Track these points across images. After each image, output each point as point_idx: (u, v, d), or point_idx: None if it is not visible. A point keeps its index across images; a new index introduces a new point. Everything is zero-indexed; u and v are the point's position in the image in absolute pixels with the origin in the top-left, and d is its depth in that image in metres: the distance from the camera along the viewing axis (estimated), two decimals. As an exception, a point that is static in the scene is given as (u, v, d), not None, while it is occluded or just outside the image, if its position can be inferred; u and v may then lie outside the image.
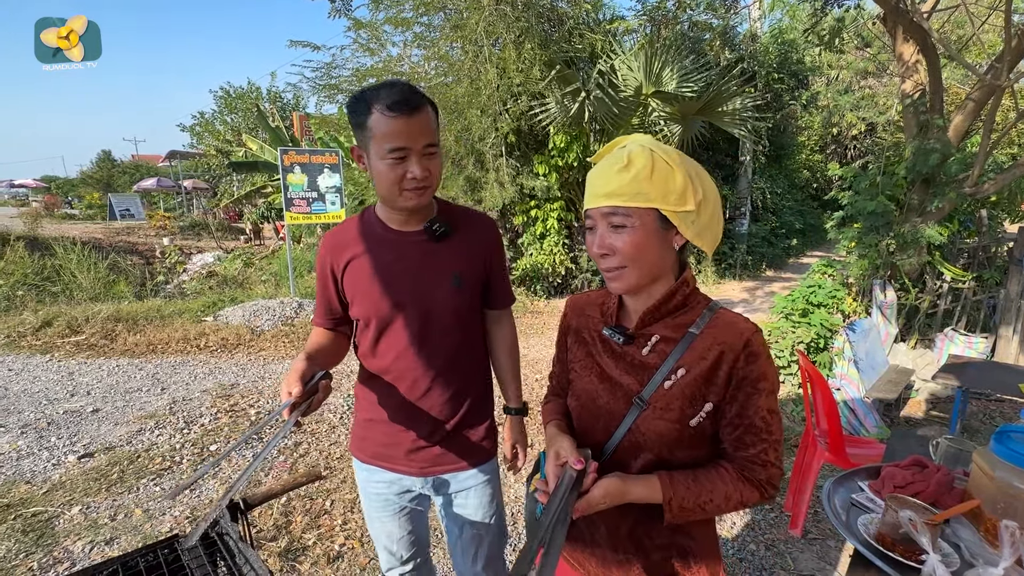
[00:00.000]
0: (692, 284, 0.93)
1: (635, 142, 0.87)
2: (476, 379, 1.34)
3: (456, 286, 1.23)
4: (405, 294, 1.21)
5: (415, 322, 1.22)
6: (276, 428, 0.97)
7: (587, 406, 0.97)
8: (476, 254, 1.27)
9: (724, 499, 0.84)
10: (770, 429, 0.86)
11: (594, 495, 0.81)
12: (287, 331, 5.62)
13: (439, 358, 1.25)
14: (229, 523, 0.95)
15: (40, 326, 5.31)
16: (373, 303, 1.21)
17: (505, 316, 1.42)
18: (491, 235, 1.31)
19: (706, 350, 0.87)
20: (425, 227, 1.21)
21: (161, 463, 2.92)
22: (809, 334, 4.23)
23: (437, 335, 1.24)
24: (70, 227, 15.18)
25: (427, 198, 1.17)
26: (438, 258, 1.23)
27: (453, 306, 1.24)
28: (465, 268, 1.25)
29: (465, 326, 1.28)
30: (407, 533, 1.41)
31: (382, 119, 1.05)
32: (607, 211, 0.85)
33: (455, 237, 1.24)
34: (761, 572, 2.24)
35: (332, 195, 6.82)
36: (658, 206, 0.83)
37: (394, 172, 1.09)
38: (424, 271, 1.22)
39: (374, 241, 1.23)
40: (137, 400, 3.83)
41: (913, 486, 1.23)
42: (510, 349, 1.42)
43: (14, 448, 3.05)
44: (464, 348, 1.29)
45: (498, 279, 1.34)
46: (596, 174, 0.87)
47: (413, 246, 1.22)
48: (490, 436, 1.37)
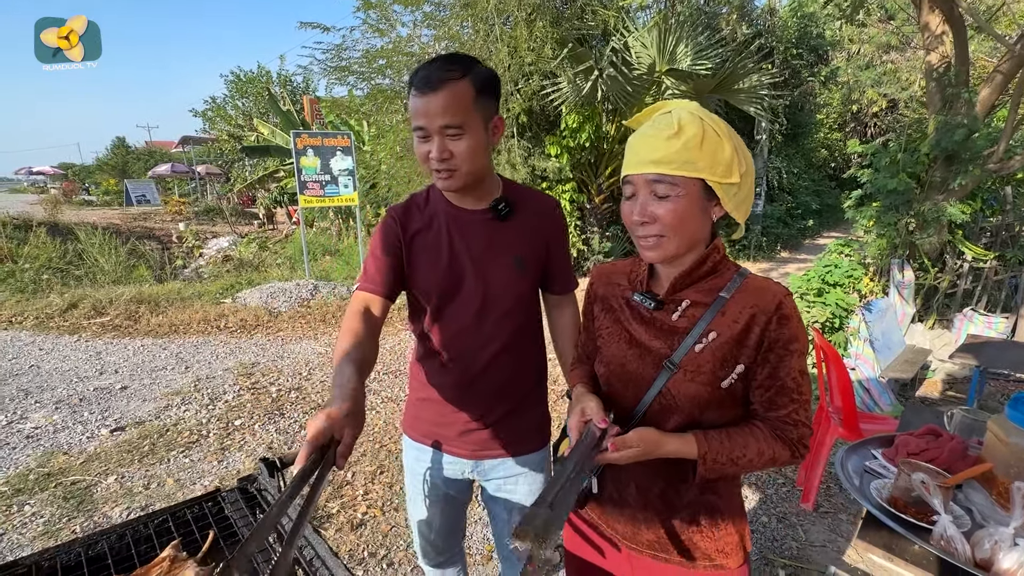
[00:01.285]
0: (722, 251, 0.93)
1: (683, 108, 0.85)
2: (532, 365, 1.32)
3: (518, 269, 1.20)
4: (466, 273, 1.18)
5: (474, 302, 1.19)
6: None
7: (616, 371, 0.98)
8: (539, 236, 1.24)
9: (757, 454, 0.86)
10: (801, 390, 0.87)
11: (629, 437, 0.83)
12: (304, 312, 5.72)
13: (496, 341, 1.22)
14: (267, 479, 1.00)
15: (66, 308, 5.47)
16: (435, 279, 1.18)
17: (567, 301, 1.37)
18: (555, 217, 1.27)
19: (738, 314, 0.87)
20: (491, 206, 1.18)
21: (189, 436, 3.04)
22: (824, 313, 4.20)
23: (495, 317, 1.21)
24: (88, 213, 15.47)
25: (456, 181, 1.11)
26: (501, 239, 1.19)
27: (513, 289, 1.21)
28: (527, 251, 1.21)
29: (524, 310, 1.26)
30: (447, 519, 1.41)
31: (411, 96, 1.05)
32: (653, 178, 0.83)
33: (519, 218, 1.21)
34: (772, 543, 2.28)
35: (345, 178, 6.86)
36: (705, 176, 0.82)
37: (420, 150, 1.08)
38: (487, 252, 1.18)
39: (440, 216, 1.20)
40: (163, 378, 3.96)
41: (927, 453, 1.24)
42: (572, 335, 1.36)
43: (50, 422, 3.19)
44: (521, 333, 1.26)
45: (560, 263, 1.29)
46: (641, 139, 0.85)
47: (477, 225, 1.19)
48: (543, 425, 1.35)
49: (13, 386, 3.71)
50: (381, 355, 4.55)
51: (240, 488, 1.01)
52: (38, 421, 3.18)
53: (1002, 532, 0.97)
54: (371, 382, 3.98)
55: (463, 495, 1.40)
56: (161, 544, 0.87)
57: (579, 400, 0.95)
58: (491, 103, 1.11)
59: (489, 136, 1.12)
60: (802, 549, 2.25)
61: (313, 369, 4.21)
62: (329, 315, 5.65)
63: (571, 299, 1.38)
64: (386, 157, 9.04)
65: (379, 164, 9.62)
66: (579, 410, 0.91)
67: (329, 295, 6.21)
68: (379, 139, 9.82)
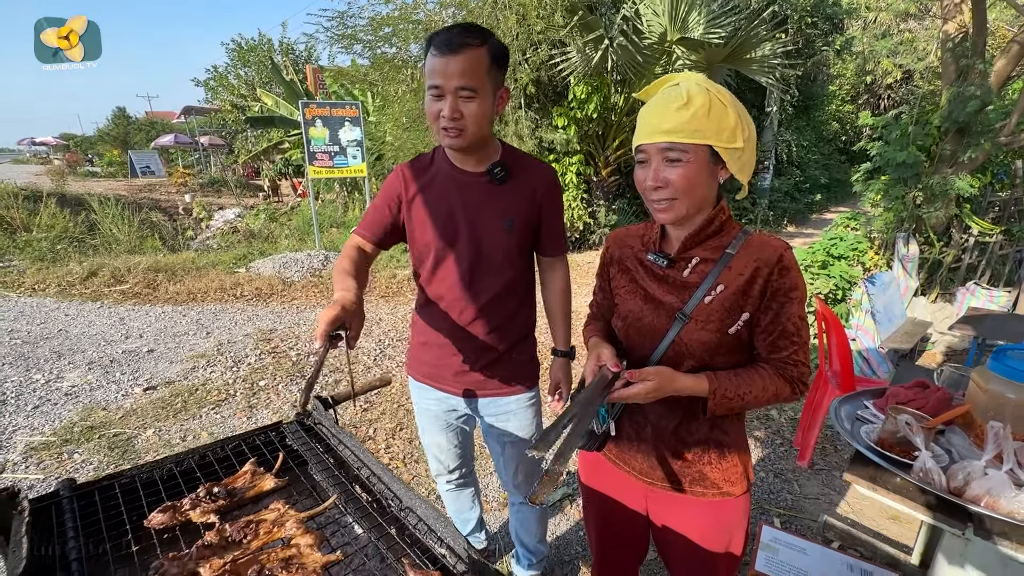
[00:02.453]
0: (727, 211, 1.02)
1: (690, 80, 0.93)
2: (520, 317, 1.44)
3: (507, 230, 1.31)
4: (461, 230, 1.29)
5: (467, 258, 1.31)
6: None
7: (633, 324, 1.09)
8: (531, 201, 1.33)
9: (761, 390, 0.96)
10: (800, 333, 0.97)
11: (646, 370, 0.94)
12: (316, 282, 5.85)
13: (487, 293, 1.34)
14: (323, 414, 1.13)
15: (86, 276, 5.61)
16: (432, 234, 1.30)
17: (558, 263, 1.48)
18: (548, 184, 1.36)
19: (743, 267, 0.98)
20: (487, 169, 1.28)
21: (218, 395, 3.21)
22: (828, 285, 4.28)
23: (486, 272, 1.33)
24: (94, 184, 15.50)
25: (463, 141, 1.19)
26: (495, 201, 1.30)
27: (503, 248, 1.32)
28: (518, 214, 1.32)
29: (513, 267, 1.37)
30: (454, 446, 1.60)
31: (429, 56, 1.14)
32: (664, 146, 0.92)
33: (514, 182, 1.31)
34: (769, 495, 2.44)
35: (354, 149, 6.88)
36: (712, 143, 0.90)
37: (432, 108, 1.17)
38: (480, 212, 1.29)
39: (440, 177, 1.31)
40: (186, 342, 4.12)
41: (914, 402, 1.36)
42: (561, 295, 1.50)
43: (86, 381, 3.36)
44: (510, 287, 1.38)
45: (551, 227, 1.40)
46: (652, 111, 0.94)
47: (474, 186, 1.29)
48: (531, 369, 1.49)
49: (46, 348, 3.88)
50: (394, 323, 4.69)
51: (298, 421, 1.14)
52: (74, 380, 3.36)
53: (975, 465, 1.09)
54: (386, 347, 4.13)
55: (467, 425, 1.57)
56: (239, 462, 1.00)
57: (595, 348, 1.06)
58: (501, 74, 1.22)
59: (495, 104, 1.23)
60: (797, 501, 2.41)
61: (329, 335, 4.35)
62: (341, 285, 5.77)
63: (562, 261, 1.50)
64: (392, 128, 9.00)
65: (384, 135, 9.58)
66: (595, 355, 1.02)
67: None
68: (384, 110, 9.75)
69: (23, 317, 4.57)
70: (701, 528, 1.11)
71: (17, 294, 5.25)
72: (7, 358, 3.67)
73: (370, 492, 0.94)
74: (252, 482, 0.92)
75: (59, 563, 0.74)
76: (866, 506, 2.37)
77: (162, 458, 0.98)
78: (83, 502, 0.87)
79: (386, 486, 0.94)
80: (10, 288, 5.39)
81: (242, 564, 0.73)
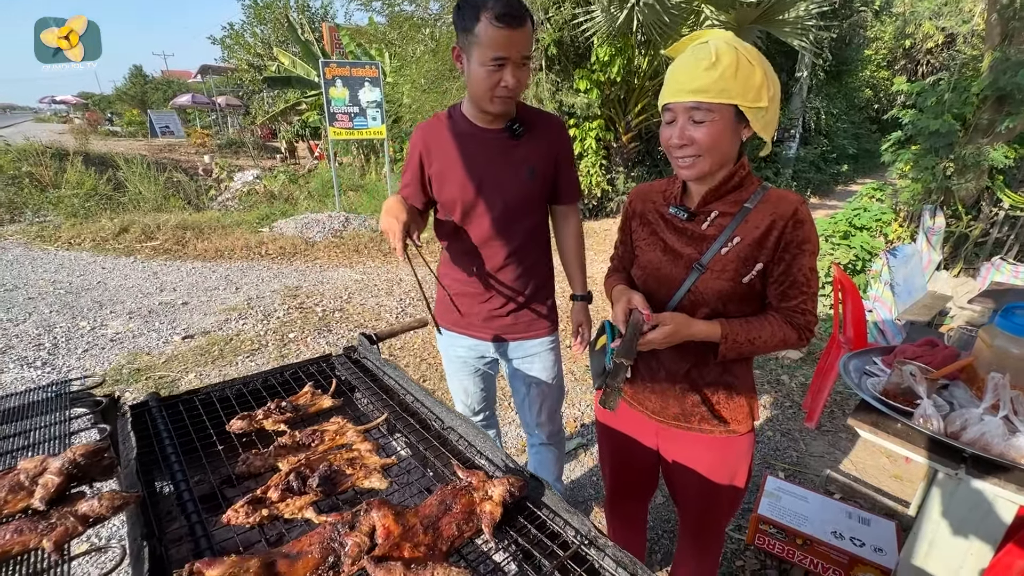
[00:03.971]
0: (747, 168, 1.07)
1: (718, 38, 0.96)
2: (541, 263, 1.54)
3: (529, 178, 1.39)
4: (487, 184, 1.38)
5: (494, 209, 1.39)
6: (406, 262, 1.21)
7: (652, 274, 1.16)
8: (548, 151, 1.42)
9: (770, 335, 1.03)
10: (809, 284, 1.04)
11: (663, 316, 1.02)
12: (337, 242, 5.98)
13: (514, 241, 1.44)
14: (368, 348, 1.24)
15: (118, 232, 5.82)
16: (459, 190, 1.39)
17: (572, 211, 1.57)
18: (561, 134, 1.45)
19: (759, 220, 1.03)
20: (507, 126, 1.36)
21: (251, 345, 3.39)
22: (847, 255, 4.26)
23: (511, 221, 1.42)
24: (115, 143, 15.67)
25: (512, 105, 1.30)
26: (516, 153, 1.38)
27: (527, 195, 1.41)
28: (538, 163, 1.40)
29: (535, 213, 1.46)
30: (480, 390, 1.72)
31: (489, 28, 1.15)
32: (691, 105, 0.95)
33: (529, 135, 1.39)
34: (775, 452, 2.55)
35: (373, 110, 6.86)
36: (738, 102, 0.94)
37: (491, 79, 1.22)
38: (504, 163, 1.38)
39: (461, 136, 1.38)
40: (217, 296, 4.31)
41: (922, 358, 1.42)
42: (576, 242, 1.59)
43: (128, 329, 3.57)
44: (533, 234, 1.48)
45: (566, 174, 1.49)
46: (680, 69, 0.97)
47: (495, 142, 1.37)
48: (551, 313, 1.60)
49: (87, 298, 4.10)
50: (414, 284, 4.81)
51: (346, 354, 1.25)
52: (117, 328, 3.57)
53: (972, 412, 1.16)
54: (407, 306, 4.27)
55: (491, 369, 1.69)
56: (297, 387, 1.12)
57: (623, 294, 1.12)
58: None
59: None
60: (802, 458, 2.52)
61: (352, 294, 4.50)
62: (362, 246, 5.90)
63: (575, 210, 1.58)
64: (409, 90, 8.90)
65: (402, 97, 9.48)
66: (625, 300, 1.09)
67: (360, 227, 6.43)
68: (401, 71, 9.61)
69: (63, 269, 4.80)
70: (708, 463, 1.21)
71: (55, 247, 5.48)
72: (54, 306, 3.90)
73: (415, 414, 1.05)
74: (312, 400, 1.04)
75: (160, 457, 0.87)
76: (869, 465, 2.47)
77: (231, 379, 1.10)
78: (169, 411, 0.99)
79: (429, 409, 1.05)
80: (48, 242, 5.62)
81: (314, 461, 0.85)
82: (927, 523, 1.25)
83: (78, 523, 0.63)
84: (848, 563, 1.64)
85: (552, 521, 0.79)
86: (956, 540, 1.22)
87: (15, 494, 0.64)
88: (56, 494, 0.65)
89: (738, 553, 1.92)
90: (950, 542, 1.22)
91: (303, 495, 0.78)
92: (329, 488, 0.81)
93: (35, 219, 6.41)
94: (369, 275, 5.01)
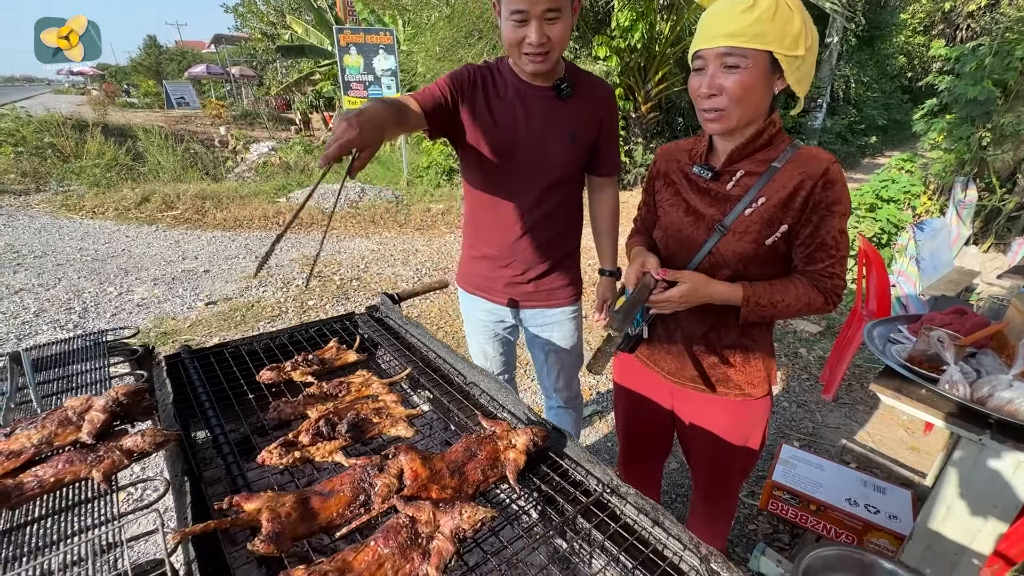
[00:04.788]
0: (778, 124, 1.02)
1: None
2: (570, 233, 1.50)
3: (570, 142, 1.34)
4: (524, 142, 1.32)
5: (530, 169, 1.34)
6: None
7: (673, 235, 1.14)
8: (593, 117, 1.35)
9: (795, 299, 1.00)
10: (839, 247, 1.00)
11: (681, 273, 1.00)
12: (353, 213, 6.00)
13: (544, 205, 1.39)
14: (390, 307, 1.26)
15: (140, 201, 5.91)
16: (496, 143, 1.32)
17: (609, 184, 1.51)
18: (609, 101, 1.38)
19: (787, 180, 0.98)
20: (555, 85, 1.29)
21: (272, 311, 3.46)
22: (873, 229, 4.15)
23: (544, 186, 1.37)
24: (133, 115, 15.76)
25: (548, 64, 1.21)
26: (560, 115, 1.32)
27: (565, 160, 1.35)
28: (581, 128, 1.34)
29: (571, 180, 1.41)
30: (499, 354, 1.71)
31: None
32: (723, 51, 0.91)
33: (576, 98, 1.32)
34: (791, 422, 2.55)
35: (388, 79, 6.77)
36: (774, 49, 0.89)
37: (515, 35, 1.17)
38: (546, 124, 1.31)
39: (506, 87, 1.31)
40: (237, 265, 4.38)
41: (950, 326, 1.39)
42: (611, 216, 1.54)
43: (153, 295, 3.67)
44: (565, 202, 1.42)
45: (609, 145, 1.42)
46: (715, 13, 0.93)
47: (540, 100, 1.31)
48: (575, 283, 1.56)
49: (113, 265, 4.21)
50: (430, 255, 4.84)
51: (368, 313, 1.27)
52: (143, 294, 3.67)
53: (1001, 378, 1.14)
54: (423, 276, 4.30)
55: (511, 334, 1.68)
56: (322, 342, 1.15)
57: (638, 255, 1.11)
58: None
59: (573, 18, 1.22)
60: (817, 429, 2.52)
61: (369, 263, 4.54)
62: (378, 216, 5.91)
63: (613, 183, 1.52)
64: (424, 59, 8.72)
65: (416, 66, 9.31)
66: (639, 262, 1.08)
67: (376, 198, 6.43)
68: (416, 39, 9.41)
69: (89, 237, 4.91)
70: (722, 425, 1.21)
71: (80, 216, 5.60)
72: (82, 272, 4.01)
73: (438, 370, 1.07)
74: (337, 355, 1.07)
75: (195, 404, 0.90)
76: (887, 437, 2.46)
77: (259, 334, 1.13)
78: (201, 362, 1.03)
79: (451, 365, 1.07)
80: (72, 211, 5.74)
81: (342, 410, 0.87)
82: (946, 488, 1.25)
83: (123, 456, 0.66)
84: (862, 528, 1.65)
85: (574, 470, 0.81)
86: (975, 506, 1.21)
87: (64, 428, 0.67)
88: (102, 429, 0.68)
89: (751, 517, 1.95)
90: (968, 508, 1.22)
91: (332, 440, 0.81)
92: (357, 435, 0.83)
93: (59, 188, 6.53)
94: (385, 245, 5.04)
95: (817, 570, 1.39)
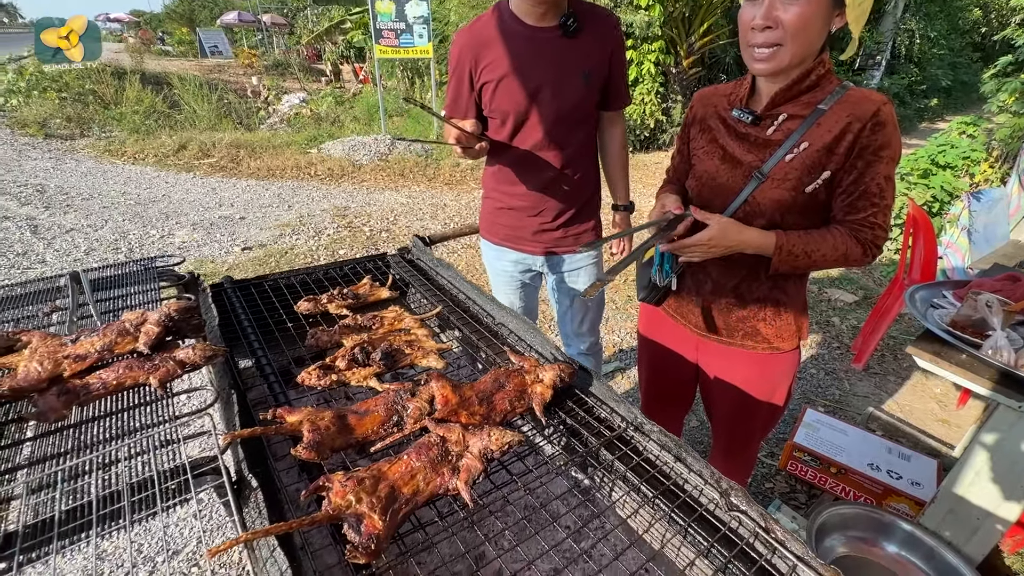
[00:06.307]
0: (828, 64, 0.94)
1: None
2: (592, 174, 1.49)
3: (586, 84, 1.30)
4: (541, 93, 1.29)
5: (549, 116, 1.32)
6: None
7: (707, 184, 1.09)
8: (603, 53, 1.31)
9: (831, 249, 0.95)
10: (883, 195, 0.94)
11: (710, 216, 0.97)
12: (383, 166, 6.00)
13: (567, 150, 1.38)
14: (421, 249, 1.27)
15: (177, 149, 6.04)
16: (511, 99, 1.30)
17: (618, 118, 1.49)
18: (616, 34, 1.33)
19: (833, 123, 0.92)
20: (561, 22, 1.24)
21: (305, 258, 3.56)
22: (924, 196, 3.91)
23: (566, 129, 1.35)
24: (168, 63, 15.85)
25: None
26: (570, 55, 1.28)
27: (582, 102, 1.33)
28: (593, 66, 1.30)
29: (588, 121, 1.39)
30: (522, 304, 1.74)
31: None
32: None
33: (584, 34, 1.28)
34: (817, 388, 2.52)
35: (420, 27, 6.57)
36: None
37: None
38: (559, 68, 1.28)
39: (510, 37, 1.27)
40: (271, 213, 4.48)
41: (1001, 292, 1.32)
42: (622, 149, 1.52)
43: (192, 239, 3.81)
44: (585, 144, 1.41)
45: (618, 78, 1.39)
46: None
47: (548, 42, 1.27)
48: (598, 227, 1.57)
49: (155, 209, 4.37)
50: (458, 209, 4.83)
51: (400, 254, 1.29)
52: (183, 237, 3.81)
53: (1052, 347, 1.09)
54: (451, 231, 4.31)
55: (535, 283, 1.70)
56: (356, 279, 1.18)
57: (660, 197, 1.09)
58: None
59: None
60: (844, 396, 2.48)
61: (398, 216, 4.57)
62: (407, 170, 5.89)
63: (621, 116, 1.50)
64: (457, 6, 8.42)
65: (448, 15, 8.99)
66: (659, 204, 1.06)
67: (406, 151, 6.39)
68: (449, -15, 9.06)
69: (131, 182, 5.08)
70: (747, 378, 1.19)
71: (122, 162, 5.78)
72: (126, 215, 4.18)
73: (467, 310, 1.09)
74: (371, 291, 1.10)
75: (238, 328, 0.95)
76: (917, 408, 2.41)
77: (295, 269, 1.17)
78: (243, 292, 1.07)
79: (480, 306, 1.09)
80: (115, 156, 5.92)
81: (375, 340, 0.91)
82: (977, 454, 1.23)
83: (176, 367, 0.71)
84: (882, 492, 1.65)
85: (599, 407, 0.83)
86: (1005, 473, 1.19)
87: (123, 337, 0.72)
88: (156, 341, 0.73)
89: (768, 476, 1.97)
90: (998, 475, 1.20)
91: (367, 367, 0.84)
92: (390, 363, 0.86)
93: (102, 134, 6.72)
94: (414, 199, 5.05)
95: (833, 527, 1.41)
